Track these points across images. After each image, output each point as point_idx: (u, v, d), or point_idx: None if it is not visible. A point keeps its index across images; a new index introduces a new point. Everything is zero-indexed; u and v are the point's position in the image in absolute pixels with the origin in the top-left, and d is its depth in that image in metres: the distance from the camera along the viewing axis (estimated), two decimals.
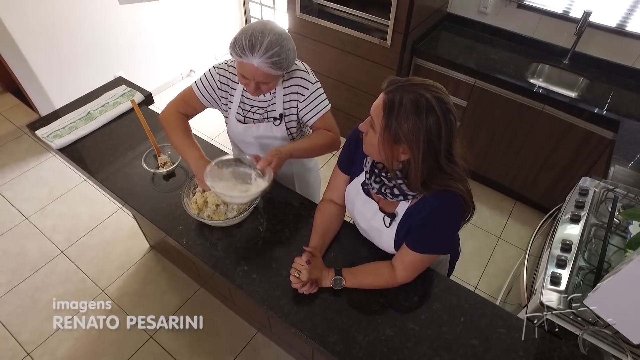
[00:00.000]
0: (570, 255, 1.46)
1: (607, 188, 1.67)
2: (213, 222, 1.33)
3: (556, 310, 1.32)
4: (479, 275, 2.43)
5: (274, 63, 1.18)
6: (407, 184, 1.02)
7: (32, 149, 3.10)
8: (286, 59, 1.20)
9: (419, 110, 0.89)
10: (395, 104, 0.90)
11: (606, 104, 2.14)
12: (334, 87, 2.86)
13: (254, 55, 1.15)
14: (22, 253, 2.46)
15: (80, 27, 2.88)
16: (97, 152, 1.64)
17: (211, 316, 2.20)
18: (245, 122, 1.46)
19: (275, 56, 1.17)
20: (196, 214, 1.34)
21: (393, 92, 0.92)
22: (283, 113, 1.40)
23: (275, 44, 1.16)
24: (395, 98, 0.90)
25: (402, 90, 0.91)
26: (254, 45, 1.15)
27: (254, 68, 1.18)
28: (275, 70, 1.20)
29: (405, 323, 1.13)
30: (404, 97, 0.90)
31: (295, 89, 1.36)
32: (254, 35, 1.15)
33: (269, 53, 1.16)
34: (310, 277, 1.15)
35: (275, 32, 1.17)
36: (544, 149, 2.39)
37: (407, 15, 2.26)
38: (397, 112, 0.90)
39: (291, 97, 1.38)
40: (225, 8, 3.96)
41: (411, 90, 0.90)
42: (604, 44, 2.32)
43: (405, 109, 0.89)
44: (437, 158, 0.94)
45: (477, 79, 2.38)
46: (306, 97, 1.37)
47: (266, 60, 1.16)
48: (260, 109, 1.42)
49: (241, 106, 1.43)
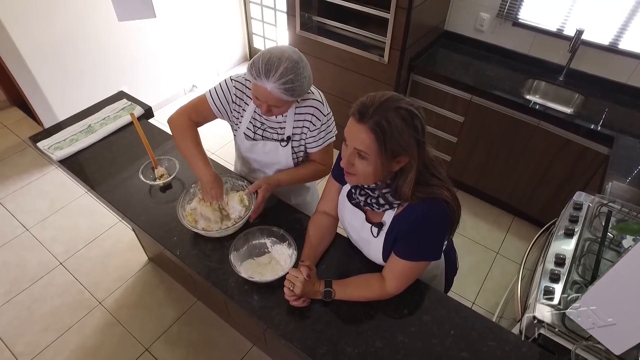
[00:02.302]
0: (564, 270, 1.46)
1: (601, 203, 1.67)
2: (207, 233, 1.35)
3: (549, 324, 1.31)
4: (477, 290, 2.41)
5: (287, 90, 1.19)
6: (396, 191, 1.04)
7: (36, 161, 3.15)
8: (300, 87, 1.21)
9: (405, 120, 0.93)
10: (384, 126, 0.93)
11: (601, 120, 2.16)
12: (333, 103, 2.87)
13: (268, 79, 1.17)
14: (22, 264, 2.48)
15: (86, 43, 2.96)
16: (97, 164, 1.67)
17: (207, 329, 2.19)
18: (255, 138, 1.48)
19: (289, 83, 1.18)
20: (191, 225, 1.36)
21: (372, 116, 0.93)
22: (291, 136, 1.43)
23: (291, 71, 1.17)
24: (380, 121, 0.93)
25: (378, 112, 0.93)
26: (269, 70, 1.16)
27: (267, 92, 1.20)
28: (287, 96, 1.21)
29: (395, 335, 1.13)
30: (389, 116, 0.93)
31: (309, 117, 1.38)
32: (271, 60, 1.17)
33: (283, 79, 1.17)
34: (304, 291, 1.15)
35: (292, 60, 1.18)
36: (541, 164, 2.41)
37: (404, 33, 2.31)
38: (390, 132, 0.93)
39: (303, 124, 1.40)
40: (228, 25, 4.05)
41: (387, 108, 0.93)
42: (597, 61, 2.36)
43: (395, 126, 0.93)
44: (424, 157, 1.00)
45: (473, 95, 2.41)
46: (317, 127, 1.40)
47: (280, 86, 1.17)
48: (270, 128, 1.44)
49: (252, 122, 1.45)
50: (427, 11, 2.43)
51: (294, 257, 1.28)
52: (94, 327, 2.19)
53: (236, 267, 1.24)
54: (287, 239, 1.32)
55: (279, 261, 1.31)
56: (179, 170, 1.60)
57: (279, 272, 1.26)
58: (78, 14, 2.82)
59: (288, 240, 1.32)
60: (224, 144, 3.36)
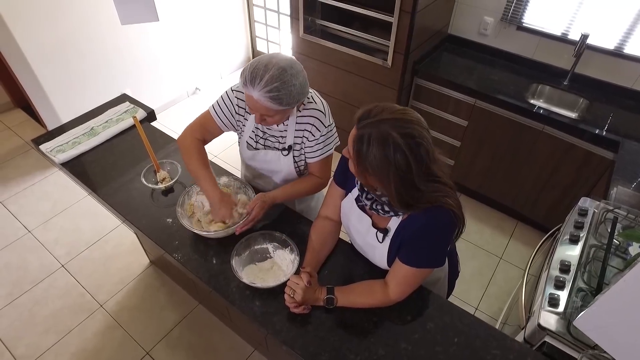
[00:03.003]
0: (569, 277, 1.45)
1: (606, 209, 1.66)
2: (208, 234, 1.34)
3: (554, 332, 1.30)
4: (480, 296, 2.39)
5: (272, 98, 1.15)
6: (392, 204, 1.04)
7: (39, 163, 3.16)
8: (287, 95, 1.16)
9: (385, 149, 0.91)
10: (363, 141, 0.93)
11: (606, 124, 2.14)
12: (337, 106, 2.89)
13: (254, 87, 1.15)
14: (23, 266, 2.47)
15: (89, 45, 2.96)
16: (99, 167, 1.67)
17: (209, 333, 2.18)
18: (257, 147, 1.47)
19: (275, 91, 1.14)
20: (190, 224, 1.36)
21: (363, 128, 0.93)
22: (292, 146, 1.41)
23: (276, 79, 1.14)
24: (364, 136, 0.93)
25: (370, 126, 0.92)
26: (254, 78, 1.14)
27: (254, 100, 1.18)
28: (274, 104, 1.17)
29: (398, 342, 1.12)
30: (372, 135, 0.92)
31: (309, 127, 1.36)
32: (257, 68, 1.14)
33: (267, 87, 1.14)
34: (305, 298, 1.14)
35: (279, 67, 1.14)
36: (545, 169, 2.39)
37: (408, 37, 2.31)
38: (366, 150, 0.93)
39: (303, 134, 1.38)
40: (231, 28, 4.06)
41: (379, 128, 0.91)
42: (603, 65, 2.34)
43: (372, 148, 0.92)
44: (413, 184, 0.95)
45: (477, 99, 2.40)
46: (316, 138, 1.37)
47: (265, 94, 1.14)
48: (272, 137, 1.43)
49: (254, 131, 1.44)
50: (431, 15, 2.42)
51: (296, 263, 1.27)
52: (95, 330, 2.18)
53: (238, 273, 1.23)
54: (290, 244, 1.31)
55: (281, 266, 1.30)
56: (181, 174, 1.59)
57: (281, 277, 1.25)
58: (82, 16, 2.83)
59: (290, 245, 1.31)
60: (227, 147, 3.36)
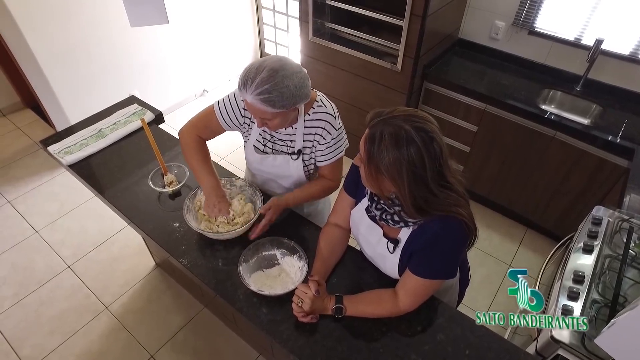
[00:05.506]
0: (582, 288, 1.41)
1: (621, 218, 1.62)
2: (214, 235, 1.33)
3: (568, 345, 1.26)
4: (489, 304, 2.35)
5: (263, 100, 1.13)
6: (403, 212, 1.01)
7: (47, 163, 3.17)
8: (279, 97, 1.13)
9: (398, 143, 0.88)
10: (375, 138, 0.91)
11: (620, 131, 2.10)
12: (345, 110, 2.87)
13: (247, 91, 1.14)
14: (30, 266, 2.48)
15: (99, 47, 2.97)
16: (106, 169, 1.66)
17: (214, 337, 2.17)
18: (265, 151, 1.45)
19: (265, 93, 1.12)
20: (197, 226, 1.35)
21: (375, 126, 0.92)
22: (302, 150, 1.39)
23: (266, 82, 1.12)
24: (376, 132, 0.91)
25: (382, 123, 0.91)
26: (246, 81, 1.13)
27: (249, 104, 1.17)
28: (267, 107, 1.14)
29: (407, 354, 1.09)
30: (384, 131, 0.90)
31: (320, 131, 1.34)
32: (249, 71, 1.14)
33: (258, 90, 1.12)
34: (313, 307, 1.12)
35: (270, 69, 1.12)
36: (556, 176, 2.35)
37: (418, 41, 2.28)
38: (378, 147, 0.90)
39: (314, 137, 1.36)
40: (240, 30, 4.06)
41: (391, 123, 0.90)
42: (617, 71, 2.30)
43: (385, 143, 0.89)
44: (427, 185, 0.92)
45: (487, 104, 2.37)
46: (327, 141, 1.36)
47: (256, 97, 1.13)
48: (280, 140, 1.41)
49: (262, 134, 1.42)
50: (441, 19, 2.40)
51: (304, 270, 1.24)
52: (100, 332, 2.18)
53: (245, 279, 1.21)
54: (298, 251, 1.29)
55: (289, 274, 1.28)
56: (189, 178, 1.58)
57: (289, 285, 1.23)
58: (91, 18, 2.84)
59: (299, 252, 1.29)
60: (234, 150, 3.35)
